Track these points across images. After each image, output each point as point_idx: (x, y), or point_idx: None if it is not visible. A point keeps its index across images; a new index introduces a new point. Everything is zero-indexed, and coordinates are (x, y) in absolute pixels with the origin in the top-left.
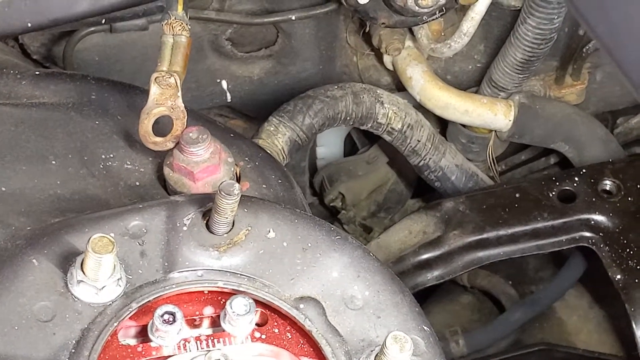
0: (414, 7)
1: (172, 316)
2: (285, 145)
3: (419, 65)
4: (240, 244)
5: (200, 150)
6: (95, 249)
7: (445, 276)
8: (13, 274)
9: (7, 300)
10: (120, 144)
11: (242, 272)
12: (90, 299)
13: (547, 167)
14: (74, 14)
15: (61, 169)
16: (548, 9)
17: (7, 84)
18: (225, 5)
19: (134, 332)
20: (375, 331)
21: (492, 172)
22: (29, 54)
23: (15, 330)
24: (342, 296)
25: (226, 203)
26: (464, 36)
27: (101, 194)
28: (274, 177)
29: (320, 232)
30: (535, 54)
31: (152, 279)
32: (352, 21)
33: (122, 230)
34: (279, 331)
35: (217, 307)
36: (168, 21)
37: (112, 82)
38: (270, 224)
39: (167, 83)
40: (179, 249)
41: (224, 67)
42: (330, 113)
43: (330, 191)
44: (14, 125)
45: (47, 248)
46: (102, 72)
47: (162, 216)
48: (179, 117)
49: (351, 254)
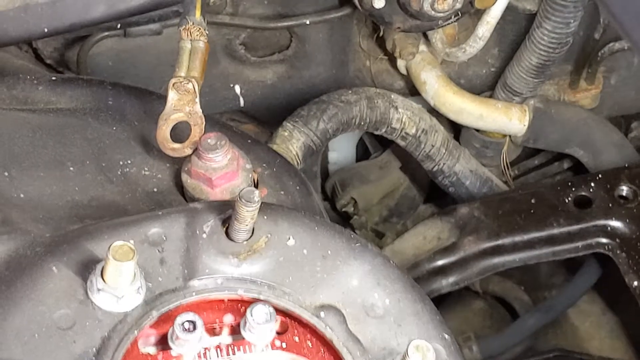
0: (430, 12)
1: (193, 324)
2: (299, 150)
3: (433, 70)
4: (260, 251)
5: (218, 156)
6: (116, 256)
7: (461, 282)
8: (33, 281)
9: (27, 308)
10: (138, 150)
11: (262, 279)
12: (110, 306)
13: (560, 171)
14: (91, 19)
15: (79, 175)
16: (564, 12)
17: (23, 90)
18: (239, 10)
19: (154, 340)
20: (397, 339)
21: (505, 177)
22: (42, 58)
23: (35, 338)
24: (362, 304)
25: (246, 210)
26: (479, 40)
27: (119, 200)
28: (291, 183)
29: (340, 239)
30: (550, 58)
31: (172, 286)
32: (365, 25)
33: (142, 238)
34: (300, 339)
35: (237, 315)
36: (186, 26)
37: (129, 88)
38: (290, 231)
39: (185, 89)
40: (198, 257)
41: (237, 71)
42: (344, 118)
43: (342, 196)
44: (31, 131)
45: (66, 255)
46: (115, 77)
47: (181, 223)
48: (197, 123)
49: (371, 262)
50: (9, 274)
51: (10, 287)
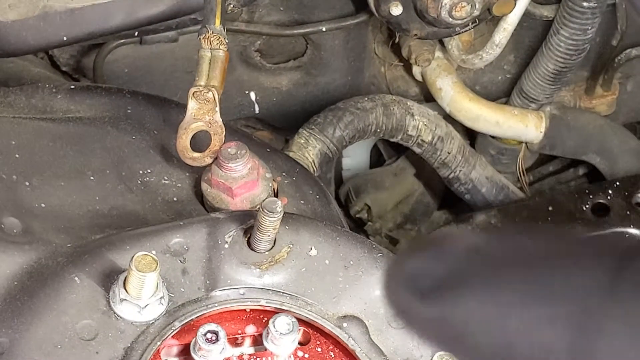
0: (448, 19)
1: (215, 335)
2: (315, 158)
3: (448, 77)
4: (282, 261)
5: (238, 166)
6: (139, 267)
7: None
8: (55, 292)
9: (49, 319)
10: (157, 159)
11: (285, 290)
12: (133, 317)
13: (575, 178)
14: (109, 27)
15: (99, 184)
16: (582, 19)
17: (43, 98)
18: (254, 17)
19: (177, 351)
20: (419, 351)
21: (520, 184)
22: (58, 65)
23: (58, 348)
24: (385, 315)
25: (269, 220)
26: (495, 47)
27: (139, 209)
28: (311, 192)
29: (361, 249)
30: (567, 65)
31: (194, 297)
32: (381, 32)
33: (164, 248)
34: (322, 350)
35: (260, 326)
36: (205, 35)
37: (148, 96)
38: (312, 241)
39: (205, 98)
40: (220, 267)
41: (253, 78)
42: (360, 125)
43: (356, 202)
44: (51, 141)
45: (88, 265)
46: (131, 84)
47: (203, 233)
48: (217, 132)
49: None
50: (31, 284)
51: (33, 297)
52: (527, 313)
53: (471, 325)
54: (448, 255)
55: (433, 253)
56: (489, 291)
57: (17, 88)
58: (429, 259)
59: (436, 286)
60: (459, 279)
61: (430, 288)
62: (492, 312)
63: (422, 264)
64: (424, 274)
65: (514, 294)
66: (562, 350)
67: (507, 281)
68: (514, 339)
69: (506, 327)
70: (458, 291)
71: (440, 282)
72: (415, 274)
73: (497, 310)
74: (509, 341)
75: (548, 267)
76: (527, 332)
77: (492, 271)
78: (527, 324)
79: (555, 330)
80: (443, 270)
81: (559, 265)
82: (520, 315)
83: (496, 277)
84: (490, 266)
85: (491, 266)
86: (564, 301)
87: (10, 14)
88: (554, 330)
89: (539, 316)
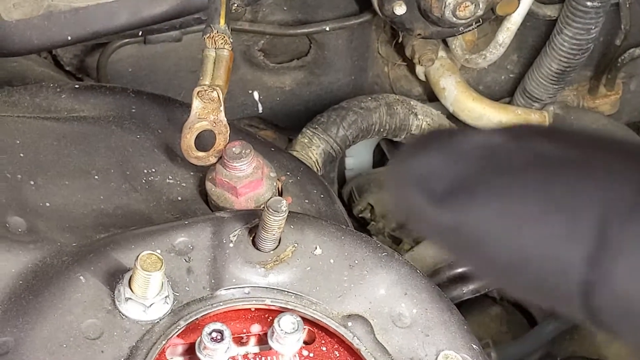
0: (451, 18)
1: (220, 334)
2: (319, 157)
3: (452, 76)
4: (287, 261)
5: (243, 165)
6: (144, 266)
7: (481, 290)
8: (60, 291)
9: (54, 318)
10: (162, 158)
11: (289, 289)
12: (138, 316)
13: None
14: (114, 27)
15: (104, 183)
16: (585, 19)
17: (47, 98)
18: (258, 16)
19: (182, 350)
20: (424, 350)
21: None
22: (62, 65)
23: (63, 348)
24: (389, 314)
25: (274, 220)
26: (499, 47)
27: (144, 209)
28: (315, 191)
29: (366, 248)
30: (571, 65)
31: (199, 296)
32: (384, 31)
33: (169, 247)
34: (327, 349)
35: (265, 325)
36: (210, 34)
37: (152, 95)
38: (317, 240)
39: (209, 97)
40: (225, 266)
41: (256, 77)
42: (364, 125)
43: (359, 202)
44: (56, 140)
45: (93, 264)
46: (135, 83)
47: (208, 232)
48: (222, 131)
49: (398, 271)
50: (36, 284)
51: (38, 296)
52: (545, 224)
53: (486, 234)
54: (465, 155)
55: (449, 151)
56: (506, 198)
57: (21, 87)
58: (444, 158)
59: (451, 189)
60: (476, 183)
61: (444, 191)
62: (509, 221)
63: (437, 163)
64: (438, 174)
65: (533, 203)
66: (579, 266)
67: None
68: (530, 251)
69: (522, 238)
70: (474, 196)
71: (455, 185)
72: (428, 174)
73: (514, 219)
74: (524, 253)
75: (571, 176)
76: (544, 245)
77: (511, 176)
78: (545, 236)
79: (573, 245)
80: (458, 172)
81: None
82: (538, 226)
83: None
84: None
85: (510, 170)
86: (584, 214)
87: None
88: (572, 244)
89: (557, 229)
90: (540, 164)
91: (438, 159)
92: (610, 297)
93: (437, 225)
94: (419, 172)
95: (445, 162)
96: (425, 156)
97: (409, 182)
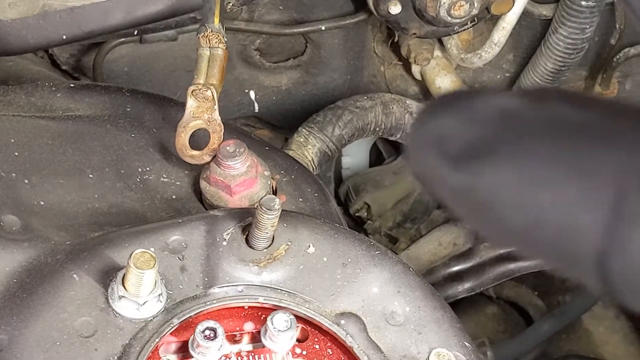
0: (446, 18)
1: (214, 332)
2: (315, 156)
3: (447, 76)
4: (281, 259)
5: (237, 163)
6: (137, 264)
7: (477, 288)
8: (54, 289)
9: (48, 316)
10: (156, 157)
11: (283, 287)
12: (131, 314)
13: None
14: (109, 26)
15: (98, 182)
16: (580, 18)
17: (42, 97)
18: (254, 16)
19: (175, 348)
20: (417, 347)
21: None
22: (58, 64)
23: (57, 345)
24: (382, 312)
25: (267, 218)
26: (494, 46)
27: (138, 207)
28: (310, 190)
29: (360, 247)
30: (566, 64)
31: (192, 294)
32: (380, 31)
33: (162, 245)
34: (320, 347)
35: (258, 323)
36: (204, 33)
37: (147, 95)
38: (310, 239)
39: (203, 96)
40: (219, 264)
41: (252, 77)
42: (359, 124)
43: (355, 201)
44: (51, 139)
45: (87, 263)
46: (131, 83)
47: (201, 231)
48: (216, 130)
49: (391, 269)
50: (30, 282)
51: (32, 294)
52: (562, 189)
53: (500, 197)
54: (482, 117)
55: (466, 112)
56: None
57: (17, 86)
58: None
59: (466, 151)
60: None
61: (459, 152)
62: (524, 185)
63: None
64: (454, 135)
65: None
66: (595, 234)
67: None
68: (545, 215)
69: (537, 202)
70: (489, 159)
71: (471, 147)
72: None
73: (529, 183)
74: (539, 218)
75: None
76: (559, 210)
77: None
78: (561, 201)
79: (589, 212)
80: (475, 134)
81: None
82: (554, 191)
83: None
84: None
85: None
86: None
87: (10, 13)
88: (588, 211)
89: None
90: (559, 128)
91: (455, 120)
92: (624, 267)
93: (450, 186)
94: (435, 133)
95: (462, 124)
96: (443, 117)
97: (425, 143)
